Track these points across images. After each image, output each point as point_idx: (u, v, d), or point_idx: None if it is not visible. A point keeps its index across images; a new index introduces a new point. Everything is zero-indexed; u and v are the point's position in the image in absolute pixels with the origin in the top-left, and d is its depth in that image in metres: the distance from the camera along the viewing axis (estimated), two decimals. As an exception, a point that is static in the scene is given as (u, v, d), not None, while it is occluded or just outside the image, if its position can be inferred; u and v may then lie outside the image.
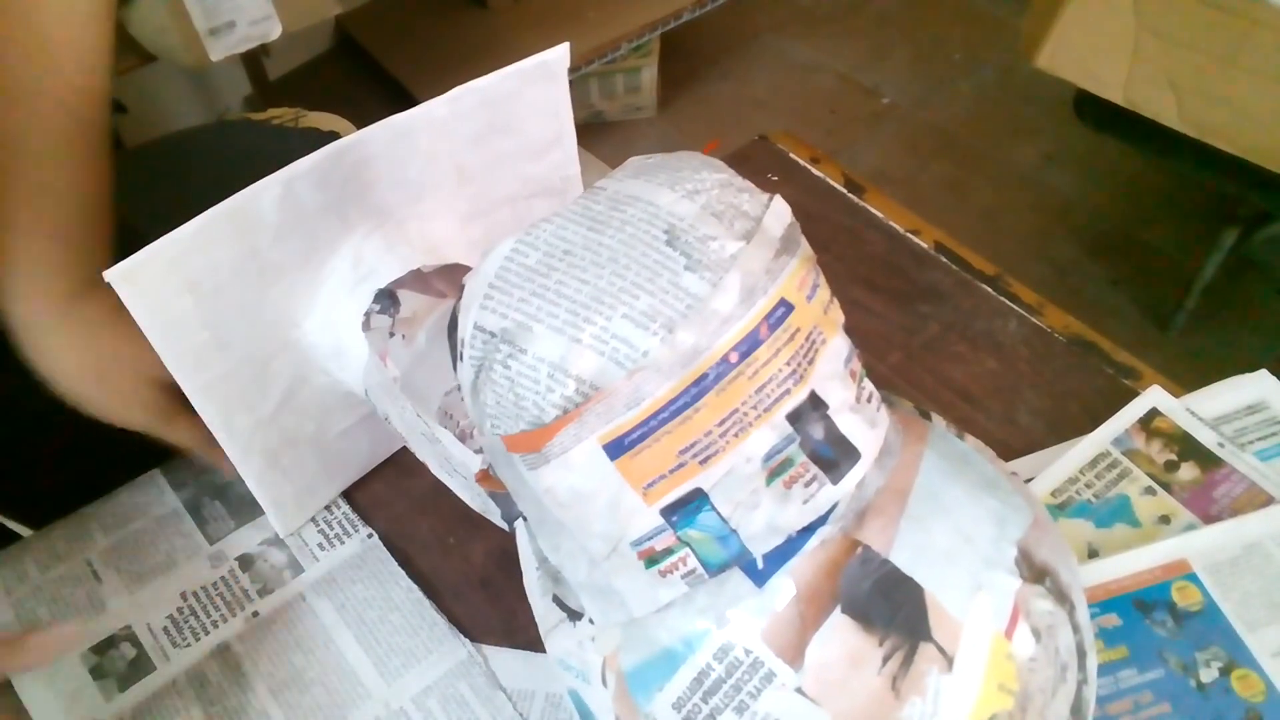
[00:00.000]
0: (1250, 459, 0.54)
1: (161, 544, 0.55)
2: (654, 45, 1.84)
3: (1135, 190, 1.74)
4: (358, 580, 0.54)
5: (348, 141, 0.47)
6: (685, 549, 0.34)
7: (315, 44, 1.91)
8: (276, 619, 0.52)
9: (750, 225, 0.34)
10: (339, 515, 0.57)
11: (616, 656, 0.36)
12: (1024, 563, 0.35)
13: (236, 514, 0.57)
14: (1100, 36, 1.10)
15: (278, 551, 0.55)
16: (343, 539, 0.56)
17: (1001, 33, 2.03)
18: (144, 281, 0.42)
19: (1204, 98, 1.07)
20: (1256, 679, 0.46)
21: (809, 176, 0.75)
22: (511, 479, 0.37)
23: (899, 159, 1.84)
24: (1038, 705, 0.33)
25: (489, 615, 0.53)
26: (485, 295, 0.34)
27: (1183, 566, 0.50)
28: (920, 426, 0.39)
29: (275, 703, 0.49)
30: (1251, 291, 1.55)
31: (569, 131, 0.57)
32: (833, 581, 0.33)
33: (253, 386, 0.50)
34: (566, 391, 0.32)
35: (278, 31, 1.19)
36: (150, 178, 0.71)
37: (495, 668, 0.50)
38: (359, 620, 0.52)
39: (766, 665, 0.33)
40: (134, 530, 0.56)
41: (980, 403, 0.60)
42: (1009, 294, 0.66)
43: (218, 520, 0.57)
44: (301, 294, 0.50)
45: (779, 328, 0.32)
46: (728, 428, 0.32)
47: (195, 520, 0.57)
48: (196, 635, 0.52)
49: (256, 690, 0.49)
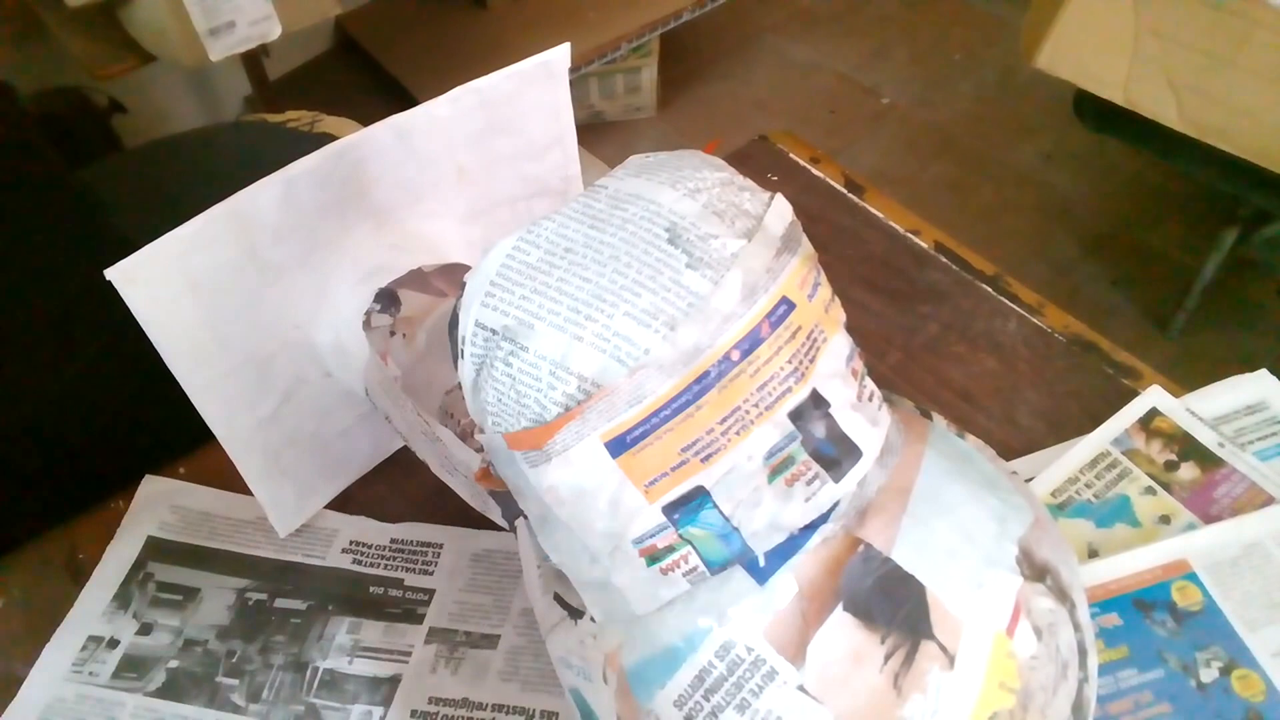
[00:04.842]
0: (1250, 459, 0.54)
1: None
2: (654, 45, 1.84)
3: (1135, 190, 1.74)
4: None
5: (348, 141, 0.47)
6: (687, 547, 0.34)
7: (315, 44, 1.91)
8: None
9: (752, 224, 0.34)
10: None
11: (618, 654, 0.36)
12: (1025, 561, 0.35)
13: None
14: (1100, 36, 1.10)
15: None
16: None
17: (1001, 33, 2.03)
18: (144, 281, 0.42)
19: (1204, 98, 1.07)
20: (1256, 679, 0.46)
21: (809, 176, 0.75)
22: (513, 477, 0.37)
23: (899, 159, 1.84)
24: (1039, 703, 0.33)
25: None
26: (486, 293, 0.34)
27: (1183, 566, 0.50)
28: (921, 425, 0.39)
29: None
30: (1251, 291, 1.55)
31: (569, 131, 0.57)
32: (834, 579, 0.33)
33: (253, 386, 0.50)
34: (568, 389, 0.32)
35: (278, 31, 1.18)
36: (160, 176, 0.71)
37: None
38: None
39: (768, 663, 0.33)
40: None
41: (980, 403, 0.60)
42: (1009, 294, 0.66)
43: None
44: (301, 294, 0.50)
45: (780, 326, 0.32)
46: (729, 425, 0.32)
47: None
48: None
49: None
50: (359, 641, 0.52)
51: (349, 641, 0.52)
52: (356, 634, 0.52)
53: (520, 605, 0.53)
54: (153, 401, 0.53)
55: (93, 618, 0.53)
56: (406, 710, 0.49)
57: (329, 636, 0.52)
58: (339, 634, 0.52)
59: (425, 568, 0.55)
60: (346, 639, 0.52)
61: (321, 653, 0.52)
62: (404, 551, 0.56)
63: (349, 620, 0.53)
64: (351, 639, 0.52)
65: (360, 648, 0.52)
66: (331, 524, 0.57)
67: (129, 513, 0.57)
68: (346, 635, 0.52)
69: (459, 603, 0.54)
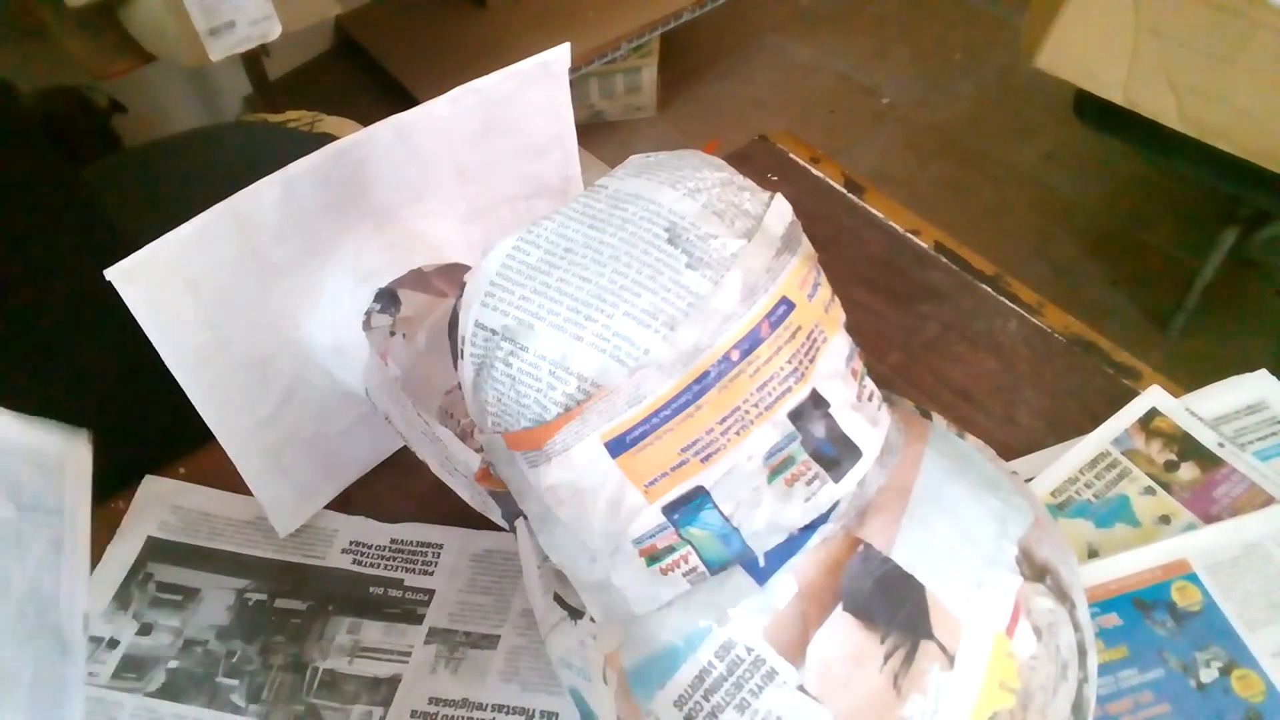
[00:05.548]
0: (1250, 459, 0.54)
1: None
2: (654, 45, 1.84)
3: (1135, 190, 1.74)
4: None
5: (348, 141, 0.47)
6: (687, 547, 0.34)
7: (315, 44, 1.91)
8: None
9: (751, 224, 0.34)
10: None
11: (618, 654, 0.36)
12: (1025, 561, 0.35)
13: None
14: (1100, 36, 1.10)
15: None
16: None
17: (1001, 33, 2.03)
18: (144, 281, 0.42)
19: (1204, 98, 1.07)
20: (1256, 679, 0.46)
21: (809, 176, 0.75)
22: (512, 477, 0.37)
23: (899, 159, 1.84)
24: (1039, 703, 0.33)
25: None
26: (486, 293, 0.34)
27: (1183, 566, 0.50)
28: (921, 426, 0.39)
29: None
30: (1251, 291, 1.55)
31: (569, 131, 0.57)
32: (834, 579, 0.33)
33: (253, 386, 0.50)
34: (568, 389, 0.32)
35: (278, 31, 1.18)
36: (160, 176, 0.71)
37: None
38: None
39: (768, 663, 0.33)
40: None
41: (980, 403, 0.60)
42: (1009, 294, 0.66)
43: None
44: (301, 294, 0.50)
45: (780, 326, 0.32)
46: (729, 426, 0.32)
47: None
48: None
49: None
50: (359, 642, 0.52)
51: (349, 642, 0.52)
52: (356, 634, 0.52)
53: (520, 605, 0.53)
54: (153, 401, 0.53)
55: (93, 618, 0.53)
56: (406, 710, 0.49)
57: (329, 637, 0.52)
58: (339, 634, 0.53)
59: (425, 568, 0.55)
60: (346, 639, 0.52)
61: (321, 653, 0.52)
62: (404, 552, 0.56)
63: (349, 620, 0.53)
64: (351, 639, 0.52)
65: (360, 648, 0.52)
66: (331, 524, 0.57)
67: (129, 513, 0.57)
68: (346, 635, 0.52)
69: (459, 603, 0.54)
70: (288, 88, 1.78)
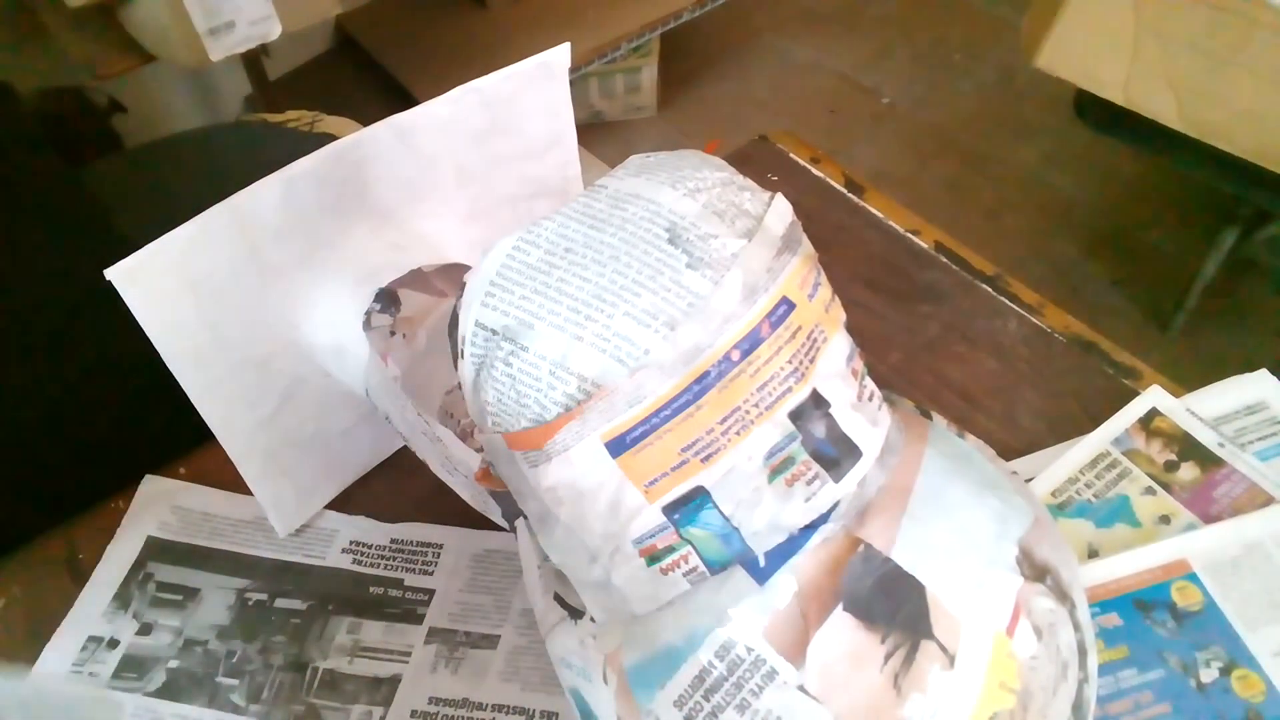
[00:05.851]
0: (1250, 459, 0.54)
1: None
2: (654, 45, 1.84)
3: (1135, 190, 1.74)
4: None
5: (348, 141, 0.47)
6: (687, 547, 0.34)
7: (315, 44, 1.91)
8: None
9: (752, 224, 0.34)
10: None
11: (618, 654, 0.36)
12: (1025, 561, 0.35)
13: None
14: (1100, 36, 1.10)
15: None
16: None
17: (1001, 33, 2.03)
18: (144, 281, 0.42)
19: (1204, 98, 1.07)
20: (1256, 679, 0.46)
21: (809, 176, 0.75)
22: (513, 477, 0.37)
23: (899, 159, 1.84)
24: (1039, 703, 0.33)
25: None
26: (486, 293, 0.34)
27: (1183, 566, 0.50)
28: (921, 426, 0.39)
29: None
30: (1251, 291, 1.55)
31: (569, 131, 0.57)
32: (835, 579, 0.33)
33: (252, 386, 0.50)
34: (568, 389, 0.32)
35: (278, 31, 1.18)
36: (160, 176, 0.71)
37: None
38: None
39: (768, 663, 0.33)
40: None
41: (980, 403, 0.60)
42: (1009, 294, 0.66)
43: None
44: (301, 294, 0.50)
45: (780, 326, 0.32)
46: (729, 426, 0.32)
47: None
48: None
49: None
50: (359, 641, 0.52)
51: (349, 641, 0.52)
52: (356, 634, 0.52)
53: (520, 605, 0.53)
54: (153, 401, 0.53)
55: (93, 618, 0.53)
56: (406, 710, 0.49)
57: (329, 636, 0.52)
58: (339, 634, 0.52)
59: (425, 568, 0.55)
60: (346, 639, 0.52)
61: (321, 653, 0.52)
62: (404, 551, 0.56)
63: (349, 620, 0.53)
64: (351, 639, 0.52)
65: (360, 648, 0.52)
66: (331, 524, 0.57)
67: (129, 513, 0.57)
68: (346, 635, 0.52)
69: (459, 603, 0.54)
70: (288, 88, 1.78)
